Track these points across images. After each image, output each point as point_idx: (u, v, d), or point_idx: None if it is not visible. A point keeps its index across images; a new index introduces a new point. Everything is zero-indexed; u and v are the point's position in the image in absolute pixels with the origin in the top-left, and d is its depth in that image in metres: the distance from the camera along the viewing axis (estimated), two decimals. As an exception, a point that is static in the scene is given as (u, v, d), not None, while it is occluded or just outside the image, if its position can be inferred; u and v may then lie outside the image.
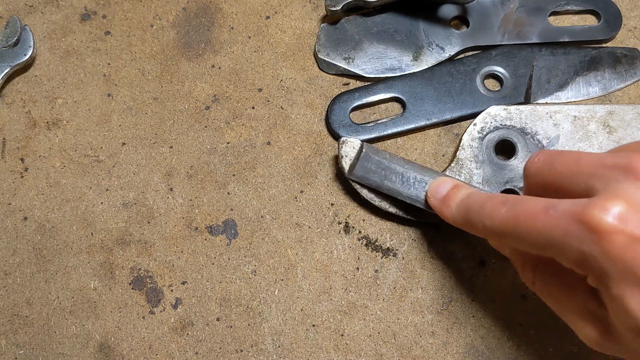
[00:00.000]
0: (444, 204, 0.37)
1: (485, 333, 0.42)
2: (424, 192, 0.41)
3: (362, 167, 0.42)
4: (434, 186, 0.39)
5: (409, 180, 0.41)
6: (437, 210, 0.38)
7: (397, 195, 0.41)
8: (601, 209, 0.25)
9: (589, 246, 0.26)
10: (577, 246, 0.26)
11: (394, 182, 0.41)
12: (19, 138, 0.47)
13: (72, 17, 0.50)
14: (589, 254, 0.26)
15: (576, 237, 0.26)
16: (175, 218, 0.45)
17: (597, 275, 0.26)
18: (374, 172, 0.42)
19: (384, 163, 0.42)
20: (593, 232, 0.25)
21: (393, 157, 0.42)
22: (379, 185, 0.42)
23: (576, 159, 0.29)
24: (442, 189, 0.39)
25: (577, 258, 0.27)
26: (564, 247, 0.27)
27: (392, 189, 0.41)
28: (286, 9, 0.50)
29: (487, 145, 0.44)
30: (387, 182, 0.42)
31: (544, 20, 0.49)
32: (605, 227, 0.25)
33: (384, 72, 0.48)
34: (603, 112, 0.43)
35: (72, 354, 0.42)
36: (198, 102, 0.48)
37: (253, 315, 0.43)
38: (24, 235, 0.45)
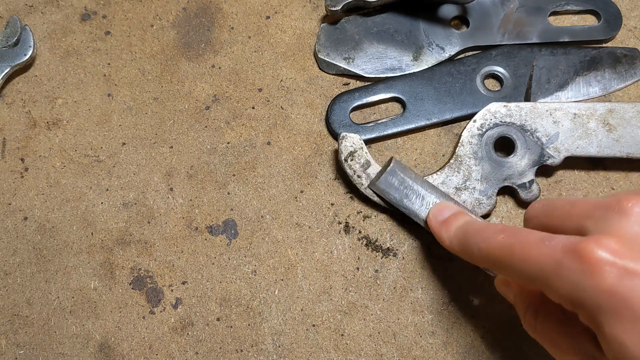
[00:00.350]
0: (443, 227, 0.38)
1: (485, 333, 0.42)
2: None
3: (386, 181, 0.42)
4: (436, 209, 0.40)
5: (429, 204, 0.41)
6: (435, 232, 0.39)
7: (413, 216, 0.42)
8: (595, 243, 0.26)
9: (581, 278, 0.26)
10: (569, 278, 0.26)
11: (413, 203, 0.41)
12: (19, 138, 0.47)
13: (72, 17, 0.50)
14: (580, 287, 0.26)
15: (569, 269, 0.26)
16: (176, 218, 0.45)
17: (589, 312, 0.26)
18: (396, 188, 0.42)
19: (408, 182, 0.42)
20: (586, 263, 0.26)
21: (418, 177, 0.42)
22: (397, 203, 0.42)
23: (572, 203, 0.30)
24: (445, 212, 0.39)
25: (569, 292, 0.27)
26: (556, 279, 0.27)
27: (409, 209, 0.41)
28: (286, 9, 0.50)
29: (487, 142, 0.44)
30: (406, 201, 0.42)
31: (544, 20, 0.49)
32: (598, 259, 0.25)
33: (384, 72, 0.48)
34: (603, 110, 0.43)
35: (72, 354, 0.42)
36: (198, 102, 0.48)
37: (253, 315, 0.43)
38: (24, 235, 0.45)
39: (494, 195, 0.43)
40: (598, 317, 0.26)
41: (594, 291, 0.25)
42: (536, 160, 0.43)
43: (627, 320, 0.25)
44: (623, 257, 0.25)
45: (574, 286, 0.26)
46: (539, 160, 0.43)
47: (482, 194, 0.43)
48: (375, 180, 0.43)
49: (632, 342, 0.25)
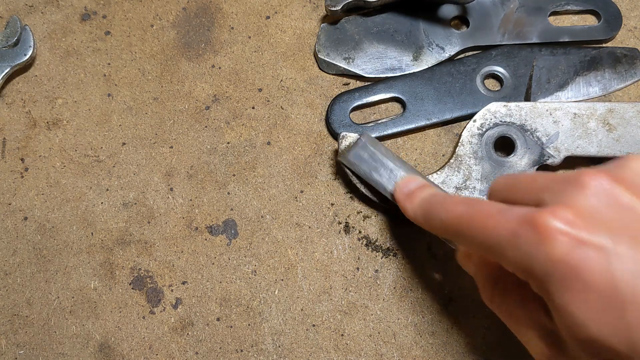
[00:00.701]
0: (408, 199, 0.38)
1: (485, 333, 0.42)
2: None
3: (356, 154, 0.42)
4: (403, 182, 0.40)
5: (397, 177, 0.41)
6: (400, 203, 0.39)
7: (381, 189, 0.42)
8: (550, 213, 0.26)
9: (534, 247, 0.26)
10: (523, 247, 0.27)
11: (381, 176, 0.42)
12: (19, 138, 0.47)
13: (72, 17, 0.50)
14: (532, 256, 0.26)
15: (523, 238, 0.27)
16: (176, 218, 0.45)
17: (540, 281, 0.27)
18: (365, 161, 0.42)
19: (377, 155, 0.42)
20: (539, 232, 0.26)
21: (388, 152, 0.42)
22: (366, 175, 0.42)
23: (532, 177, 0.31)
24: (410, 185, 0.40)
25: (521, 260, 0.27)
26: (510, 248, 0.27)
27: (377, 181, 0.42)
28: (286, 9, 0.50)
29: (487, 141, 0.44)
30: (375, 174, 0.42)
31: (544, 20, 0.49)
32: (551, 228, 0.26)
33: (384, 72, 0.48)
34: (603, 110, 0.43)
35: (72, 354, 0.42)
36: (198, 102, 0.48)
37: (253, 315, 0.43)
38: (24, 235, 0.45)
39: (494, 195, 0.43)
40: (549, 286, 0.26)
41: (546, 260, 0.26)
42: (536, 160, 0.43)
43: (576, 290, 0.25)
44: (576, 228, 0.26)
45: (527, 255, 0.27)
46: (539, 160, 0.43)
47: (482, 193, 0.43)
48: (345, 153, 0.43)
49: (581, 312, 0.25)
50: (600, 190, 0.27)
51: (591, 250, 0.25)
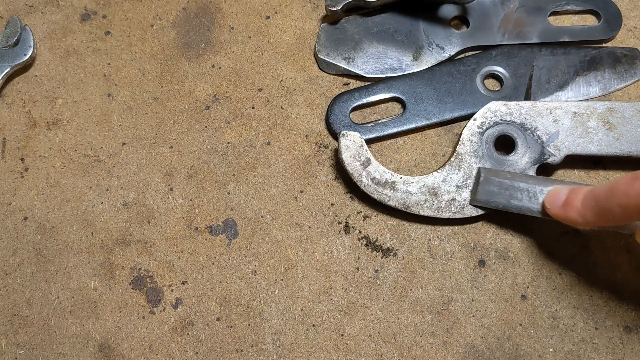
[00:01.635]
0: (568, 208, 0.37)
1: (485, 333, 0.42)
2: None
3: (484, 191, 0.41)
4: (550, 196, 0.39)
5: (536, 194, 0.40)
6: (561, 216, 0.38)
7: (526, 212, 0.41)
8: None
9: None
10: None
11: (521, 200, 0.41)
12: (19, 138, 0.47)
13: (72, 17, 0.50)
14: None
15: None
16: (176, 218, 0.45)
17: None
18: (497, 194, 0.41)
19: (506, 183, 0.41)
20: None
21: (514, 174, 0.41)
22: (505, 206, 0.41)
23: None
24: (561, 195, 0.39)
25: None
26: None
27: (519, 207, 0.41)
28: (286, 9, 0.50)
29: (487, 140, 0.44)
30: (513, 201, 0.41)
31: (544, 20, 0.49)
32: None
33: (384, 72, 0.48)
34: (603, 109, 0.43)
35: (72, 353, 0.42)
36: (198, 102, 0.48)
37: (253, 315, 0.43)
38: (24, 235, 0.45)
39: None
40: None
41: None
42: (537, 158, 0.43)
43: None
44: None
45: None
46: (540, 159, 0.43)
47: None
48: (473, 195, 0.42)
49: None
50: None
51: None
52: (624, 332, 0.42)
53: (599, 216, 0.35)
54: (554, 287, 0.43)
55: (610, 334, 0.42)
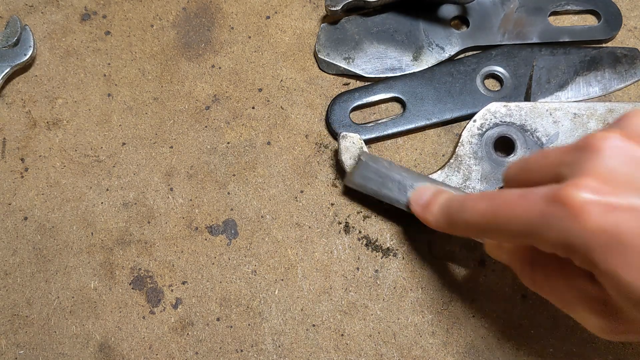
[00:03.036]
0: (426, 209, 0.38)
1: (485, 333, 0.42)
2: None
3: (360, 174, 0.42)
4: (416, 193, 0.40)
5: (406, 188, 0.41)
6: (419, 216, 0.39)
7: (395, 202, 0.42)
8: (574, 186, 0.26)
9: (568, 223, 0.26)
10: (556, 226, 0.27)
11: (391, 190, 0.42)
12: (19, 138, 0.47)
13: (72, 17, 0.50)
14: (569, 233, 0.26)
15: (554, 217, 0.27)
16: (176, 218, 0.45)
17: (582, 255, 0.26)
18: (372, 179, 0.42)
19: (382, 171, 0.42)
20: (569, 207, 0.26)
21: (392, 165, 0.42)
22: (376, 193, 0.42)
23: (542, 154, 0.30)
24: (424, 195, 0.39)
25: (558, 239, 0.27)
26: (543, 230, 0.27)
27: (388, 196, 0.42)
28: (286, 9, 0.50)
29: (487, 141, 0.44)
30: (384, 190, 0.42)
31: (544, 20, 0.49)
32: (580, 201, 0.26)
33: (384, 72, 0.48)
34: (603, 110, 0.43)
35: (72, 354, 0.42)
36: (198, 102, 0.48)
37: (253, 315, 0.43)
38: (24, 235, 0.45)
39: (494, 195, 0.43)
40: (591, 256, 0.26)
41: (583, 233, 0.26)
42: (536, 160, 0.43)
43: (618, 253, 0.25)
44: (604, 194, 0.26)
45: (562, 232, 0.26)
46: (539, 160, 0.43)
47: (482, 193, 0.43)
48: (349, 177, 0.43)
49: (627, 273, 0.25)
50: (615, 150, 0.27)
51: (624, 213, 0.25)
52: (623, 332, 0.42)
53: (449, 226, 0.36)
54: (554, 287, 0.43)
55: (610, 334, 0.42)
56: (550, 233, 0.27)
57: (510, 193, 0.30)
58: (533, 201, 0.28)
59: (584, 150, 0.28)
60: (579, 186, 0.26)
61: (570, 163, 0.28)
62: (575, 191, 0.26)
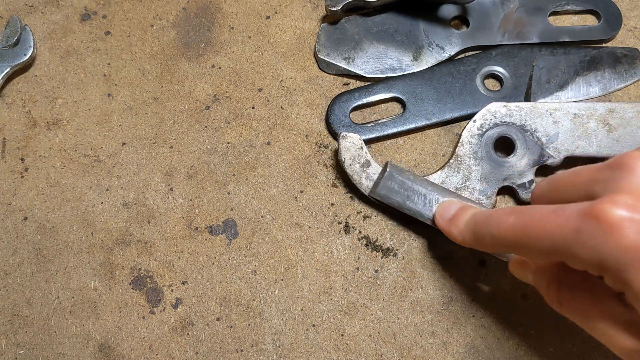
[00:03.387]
0: (452, 224, 0.38)
1: (485, 333, 0.42)
2: None
3: (385, 186, 0.42)
4: (442, 208, 0.40)
5: (431, 202, 0.41)
6: (445, 230, 0.39)
7: (418, 216, 0.42)
8: (609, 203, 0.26)
9: (602, 240, 0.26)
10: (590, 243, 0.26)
11: (416, 204, 0.41)
12: (19, 138, 0.47)
13: (72, 17, 0.50)
14: (602, 249, 0.26)
15: (588, 233, 0.26)
16: (176, 218, 0.45)
17: (615, 273, 0.26)
18: (396, 192, 0.42)
19: (407, 184, 0.42)
20: (604, 224, 0.26)
21: (417, 177, 0.42)
22: (400, 205, 0.42)
23: (575, 172, 0.30)
24: (450, 210, 0.39)
25: (591, 256, 0.26)
26: (576, 246, 0.27)
27: (413, 209, 0.41)
28: (286, 9, 0.50)
29: (487, 141, 0.44)
30: (409, 203, 0.41)
31: (544, 20, 0.49)
32: (615, 217, 0.25)
33: (384, 72, 0.48)
34: (603, 110, 0.43)
35: (72, 354, 0.42)
36: (198, 102, 0.48)
37: (253, 315, 0.43)
38: (24, 235, 0.45)
39: (493, 195, 0.43)
40: (625, 274, 0.26)
41: (618, 250, 0.25)
42: (536, 160, 0.43)
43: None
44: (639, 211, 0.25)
45: (597, 249, 0.26)
46: (539, 160, 0.43)
47: (481, 194, 0.43)
48: (374, 187, 0.43)
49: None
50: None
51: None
52: (623, 332, 0.42)
53: (475, 240, 0.35)
54: (554, 287, 0.43)
55: (610, 334, 0.42)
56: (584, 250, 0.27)
57: (542, 208, 0.29)
58: (566, 217, 0.27)
59: (618, 169, 0.27)
60: (614, 203, 0.26)
61: (604, 181, 0.28)
62: (610, 207, 0.26)
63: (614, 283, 0.27)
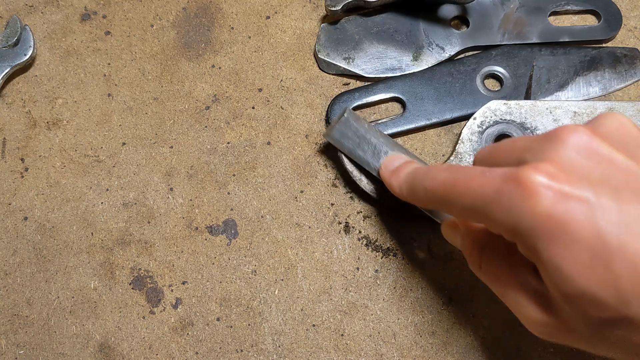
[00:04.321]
0: (394, 176, 0.39)
1: (485, 333, 0.42)
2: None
3: (339, 130, 0.43)
4: (388, 160, 0.41)
5: (380, 154, 0.42)
6: (386, 181, 0.40)
7: (366, 165, 0.42)
8: (532, 169, 0.26)
9: (519, 203, 0.26)
10: (507, 205, 0.27)
11: (365, 152, 0.42)
12: (19, 138, 0.47)
13: (72, 17, 0.50)
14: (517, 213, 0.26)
15: (507, 195, 0.27)
16: (176, 218, 0.45)
17: (526, 239, 0.26)
18: (349, 138, 0.43)
19: (360, 132, 0.42)
20: (523, 188, 0.26)
21: (371, 128, 0.43)
22: (350, 152, 0.43)
23: (513, 141, 0.31)
24: (395, 162, 0.40)
25: (507, 219, 0.27)
26: (495, 206, 0.27)
27: (362, 158, 0.42)
28: (286, 9, 0.50)
29: (487, 139, 0.44)
30: (359, 151, 0.42)
31: (544, 20, 0.49)
32: (534, 182, 0.26)
33: (384, 72, 0.48)
34: (603, 109, 0.43)
35: (72, 354, 0.42)
36: (198, 102, 0.48)
37: (253, 315, 0.43)
38: (24, 235, 0.45)
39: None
40: (535, 242, 0.26)
41: (531, 215, 0.26)
42: (536, 160, 0.43)
43: (563, 243, 0.25)
44: (559, 181, 0.26)
45: (512, 212, 0.27)
46: (539, 160, 0.43)
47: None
48: (329, 130, 0.43)
49: (569, 265, 0.25)
50: (580, 144, 0.27)
51: (575, 203, 0.25)
52: (623, 332, 0.42)
53: (411, 193, 0.36)
54: (554, 287, 0.43)
55: (610, 334, 0.42)
56: (501, 211, 0.27)
57: (473, 169, 0.30)
58: (491, 178, 0.28)
59: (549, 140, 0.28)
60: (536, 169, 0.26)
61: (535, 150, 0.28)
62: (531, 173, 0.26)
63: (525, 251, 0.27)
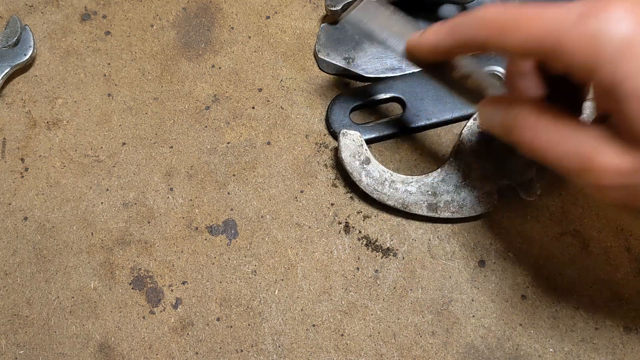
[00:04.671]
0: (423, 35, 0.34)
1: (485, 333, 0.42)
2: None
3: (363, 9, 0.38)
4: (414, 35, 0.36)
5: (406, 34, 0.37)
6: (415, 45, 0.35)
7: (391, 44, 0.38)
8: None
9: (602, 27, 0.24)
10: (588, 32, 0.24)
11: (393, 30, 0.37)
12: (19, 138, 0.47)
13: (72, 17, 0.50)
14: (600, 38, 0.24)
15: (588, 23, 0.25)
16: (176, 218, 0.45)
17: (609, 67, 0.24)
18: (373, 17, 0.38)
19: (387, 12, 0.38)
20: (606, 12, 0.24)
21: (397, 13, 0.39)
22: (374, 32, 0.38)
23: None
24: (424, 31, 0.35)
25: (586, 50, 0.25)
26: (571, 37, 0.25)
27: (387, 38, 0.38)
28: (286, 9, 0.50)
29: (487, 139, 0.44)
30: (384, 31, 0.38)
31: (544, 20, 0.49)
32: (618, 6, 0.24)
33: (384, 72, 0.48)
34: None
35: (72, 354, 0.42)
36: (198, 102, 0.48)
37: (253, 315, 0.43)
38: (24, 235, 0.45)
39: (494, 194, 0.43)
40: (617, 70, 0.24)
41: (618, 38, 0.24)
42: (536, 160, 0.43)
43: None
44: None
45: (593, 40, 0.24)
46: (539, 160, 0.43)
47: (482, 192, 0.43)
48: (348, 13, 0.39)
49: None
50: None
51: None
52: (624, 332, 0.42)
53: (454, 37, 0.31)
54: (554, 287, 0.43)
55: (610, 334, 0.42)
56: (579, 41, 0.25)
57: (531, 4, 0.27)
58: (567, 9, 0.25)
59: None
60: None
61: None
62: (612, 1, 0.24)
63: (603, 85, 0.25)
